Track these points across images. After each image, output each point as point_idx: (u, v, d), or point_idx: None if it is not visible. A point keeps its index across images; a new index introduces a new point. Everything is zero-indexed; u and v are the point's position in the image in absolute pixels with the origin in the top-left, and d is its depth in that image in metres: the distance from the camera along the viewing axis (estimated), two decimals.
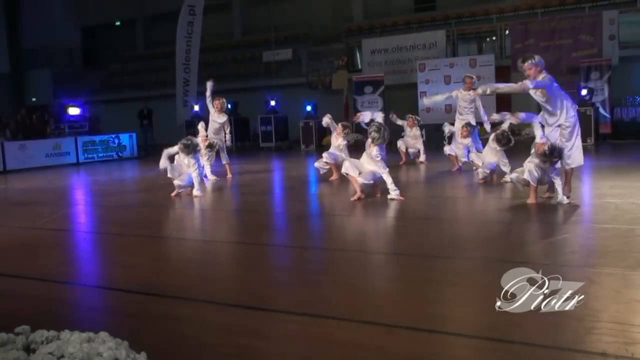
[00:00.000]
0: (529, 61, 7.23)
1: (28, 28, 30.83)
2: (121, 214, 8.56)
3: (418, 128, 13.62)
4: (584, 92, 16.71)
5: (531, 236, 6.18)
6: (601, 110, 17.45)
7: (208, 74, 20.27)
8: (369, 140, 8.27)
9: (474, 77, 12.46)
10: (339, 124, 11.07)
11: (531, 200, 7.41)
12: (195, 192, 9.46)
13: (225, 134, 12.22)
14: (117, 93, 28.36)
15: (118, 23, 32.67)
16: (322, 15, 25.43)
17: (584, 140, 7.84)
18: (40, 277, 5.08)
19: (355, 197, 8.31)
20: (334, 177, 10.85)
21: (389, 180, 8.20)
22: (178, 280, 4.98)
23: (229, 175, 12.24)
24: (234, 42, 27.79)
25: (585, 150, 7.85)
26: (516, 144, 9.54)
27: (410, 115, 13.67)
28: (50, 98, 28.28)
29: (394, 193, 8.17)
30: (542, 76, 7.22)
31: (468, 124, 11.34)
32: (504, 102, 19.38)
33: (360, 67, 23.06)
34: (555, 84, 7.30)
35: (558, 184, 7.25)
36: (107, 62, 31.48)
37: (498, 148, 9.30)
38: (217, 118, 12.15)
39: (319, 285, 4.61)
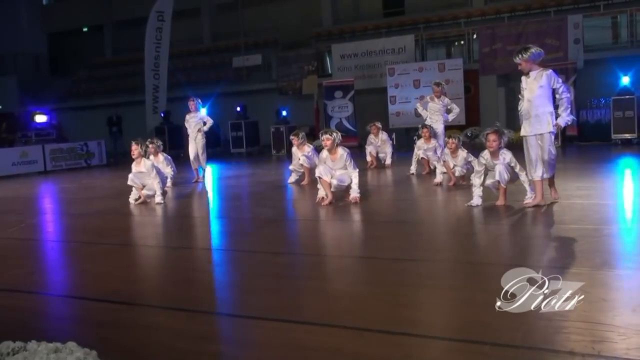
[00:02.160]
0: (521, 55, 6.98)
1: None
2: (89, 222, 8.45)
3: (384, 132, 13.59)
4: None
5: (500, 238, 6.24)
6: None
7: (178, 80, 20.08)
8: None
9: (443, 83, 12.26)
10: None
11: (500, 202, 7.48)
12: (157, 198, 9.42)
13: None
14: (86, 100, 28.02)
15: (85, 29, 32.31)
16: (292, 21, 25.44)
17: None
18: (7, 288, 4.99)
19: (327, 202, 8.32)
20: (306, 181, 10.86)
21: (356, 180, 8.33)
22: (147, 287, 4.94)
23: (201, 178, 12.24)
24: (204, 48, 27.66)
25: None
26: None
27: (373, 123, 13.54)
28: (16, 105, 27.83)
29: (354, 193, 8.29)
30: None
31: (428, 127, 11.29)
32: (473, 109, 19.64)
33: (330, 72, 23.12)
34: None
35: (525, 180, 7.32)
36: (75, 68, 31.10)
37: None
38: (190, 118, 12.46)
39: (290, 290, 4.61)
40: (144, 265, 5.91)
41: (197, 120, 12.40)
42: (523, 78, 7.15)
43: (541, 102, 7.00)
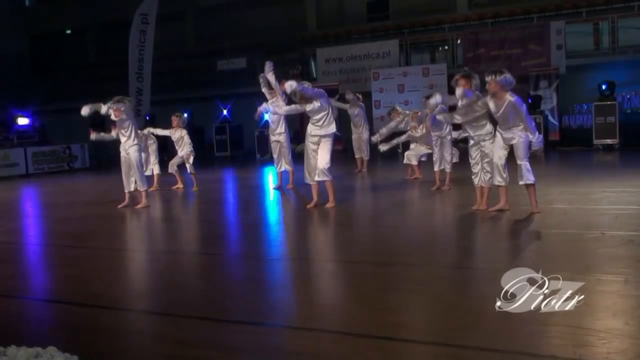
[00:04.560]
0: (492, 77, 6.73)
1: None
2: (71, 226, 8.37)
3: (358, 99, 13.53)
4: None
5: (482, 242, 6.27)
6: (550, 118, 17.86)
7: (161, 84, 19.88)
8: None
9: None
10: None
11: (478, 206, 7.45)
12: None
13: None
14: (68, 102, 27.72)
15: (68, 31, 32.06)
16: (276, 25, 25.42)
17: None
18: None
19: (312, 204, 8.33)
20: (290, 185, 10.85)
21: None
22: (129, 292, 4.90)
23: (195, 188, 12.00)
24: (188, 51, 27.55)
25: (535, 157, 8.01)
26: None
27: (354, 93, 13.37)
28: None
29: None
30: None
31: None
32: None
33: (315, 76, 23.12)
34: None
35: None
36: (58, 71, 30.83)
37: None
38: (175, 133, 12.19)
39: (272, 294, 4.60)
40: (126, 270, 5.87)
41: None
42: (488, 98, 6.90)
43: (510, 121, 6.82)
